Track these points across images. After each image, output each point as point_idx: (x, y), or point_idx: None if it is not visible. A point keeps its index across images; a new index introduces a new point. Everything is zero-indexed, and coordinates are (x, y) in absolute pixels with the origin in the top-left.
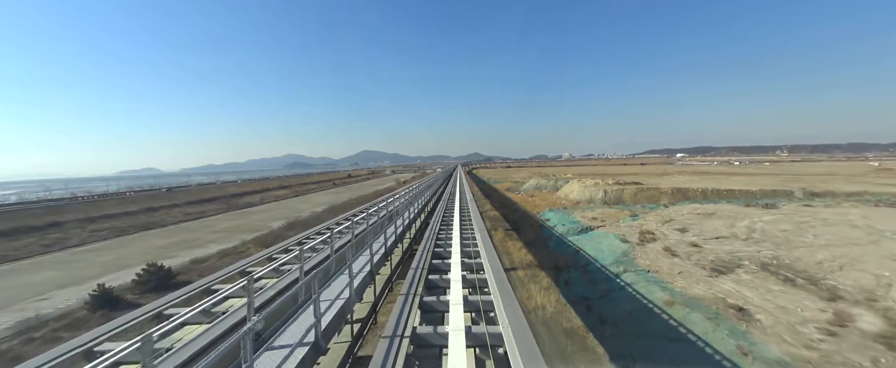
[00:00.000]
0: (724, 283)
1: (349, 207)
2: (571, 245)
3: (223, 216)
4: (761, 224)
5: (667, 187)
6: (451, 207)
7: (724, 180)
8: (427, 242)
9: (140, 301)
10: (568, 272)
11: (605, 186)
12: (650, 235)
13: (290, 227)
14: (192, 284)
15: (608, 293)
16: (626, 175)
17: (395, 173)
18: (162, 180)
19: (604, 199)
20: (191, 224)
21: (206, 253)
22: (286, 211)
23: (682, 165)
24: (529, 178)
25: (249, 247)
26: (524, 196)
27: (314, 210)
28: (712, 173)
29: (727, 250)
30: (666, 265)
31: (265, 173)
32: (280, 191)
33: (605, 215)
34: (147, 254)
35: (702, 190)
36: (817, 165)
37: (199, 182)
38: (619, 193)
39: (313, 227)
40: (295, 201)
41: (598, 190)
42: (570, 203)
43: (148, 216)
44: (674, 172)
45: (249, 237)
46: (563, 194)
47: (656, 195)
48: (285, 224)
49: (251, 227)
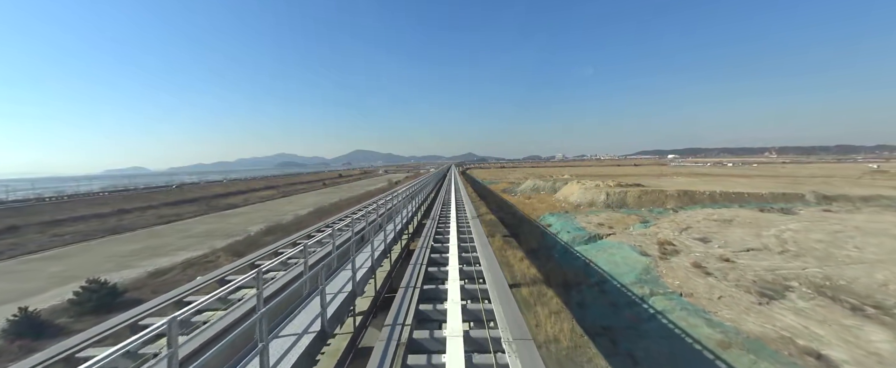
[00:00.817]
0: (780, 313)
1: (337, 209)
2: (580, 257)
3: (200, 219)
4: (790, 233)
5: (672, 190)
6: (447, 212)
7: (725, 181)
8: (421, 252)
9: (74, 327)
10: (581, 290)
11: (607, 188)
12: (670, 246)
13: (268, 232)
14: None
15: (637, 322)
16: (624, 176)
17: (388, 172)
18: (148, 180)
19: (606, 202)
20: (163, 228)
21: (170, 263)
22: (269, 214)
23: (675, 166)
24: (525, 179)
25: (220, 256)
26: (521, 198)
27: (298, 213)
28: (709, 174)
29: (765, 266)
30: (701, 287)
31: (255, 173)
32: (266, 191)
33: (612, 221)
34: (104, 264)
35: (709, 193)
36: (810, 167)
37: (180, 182)
38: (622, 196)
39: (292, 235)
40: (280, 203)
41: (599, 193)
42: (571, 206)
43: (118, 219)
44: (670, 173)
45: (222, 243)
46: (562, 197)
47: (662, 198)
48: (264, 229)
49: (227, 232)
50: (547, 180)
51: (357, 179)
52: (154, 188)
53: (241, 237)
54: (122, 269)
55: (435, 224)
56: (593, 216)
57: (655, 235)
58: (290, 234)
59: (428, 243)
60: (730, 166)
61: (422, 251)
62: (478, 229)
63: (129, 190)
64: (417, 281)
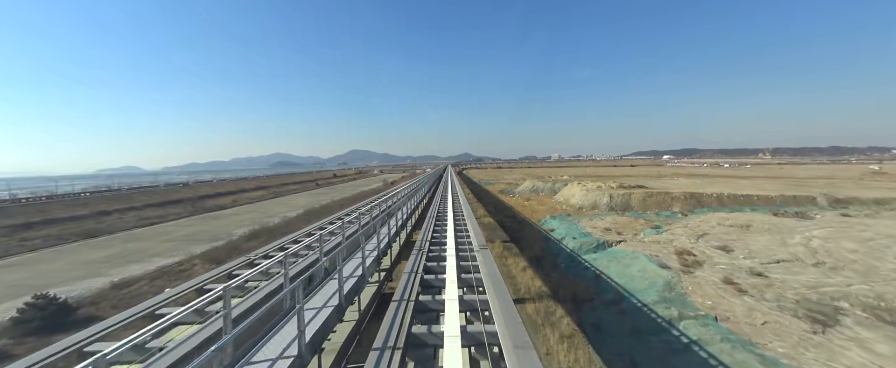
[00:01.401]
0: (843, 345)
1: (327, 211)
2: (590, 267)
3: (183, 222)
4: (818, 242)
5: (678, 192)
6: (443, 215)
7: (728, 183)
8: (415, 263)
9: (14, 351)
10: (594, 308)
11: (610, 190)
12: (690, 256)
13: (253, 236)
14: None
15: (666, 353)
16: (623, 177)
17: (383, 172)
18: (139, 180)
19: (609, 204)
20: (143, 231)
21: (142, 271)
22: (257, 215)
23: (671, 166)
24: (523, 179)
25: (196, 264)
26: (520, 200)
27: (287, 215)
28: (708, 175)
29: (804, 282)
30: (739, 309)
31: (250, 173)
32: (256, 192)
33: (620, 226)
34: (71, 271)
35: (717, 196)
36: (807, 168)
37: (166, 182)
38: (625, 198)
39: (277, 240)
40: (270, 204)
41: (602, 195)
42: (573, 209)
43: (97, 222)
44: (669, 173)
45: (200, 249)
46: (562, 199)
47: (668, 201)
48: (249, 233)
49: (210, 235)
50: (546, 181)
51: (352, 179)
52: (138, 189)
53: (223, 241)
54: (89, 278)
55: (431, 226)
56: (598, 220)
57: (670, 242)
58: (275, 239)
59: (424, 248)
60: (726, 168)
61: (417, 258)
62: (476, 230)
63: (112, 190)
64: (411, 293)
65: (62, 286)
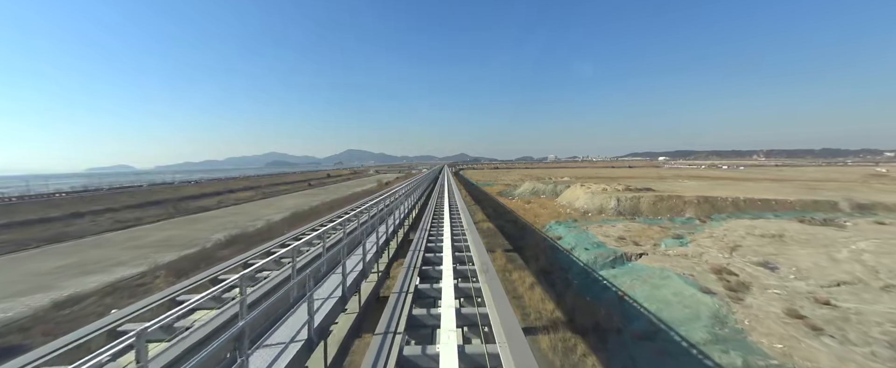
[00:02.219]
0: None
1: (316, 214)
2: (610, 286)
3: (160, 225)
4: (870, 257)
5: (690, 196)
6: (439, 222)
7: (737, 186)
8: (409, 272)
9: None
10: (623, 343)
11: (617, 193)
12: (732, 276)
13: (230, 243)
14: None
15: None
16: (623, 178)
17: (379, 172)
18: (130, 179)
19: (617, 209)
20: (114, 236)
21: (95, 285)
22: (240, 219)
23: (669, 168)
24: (522, 180)
25: (159, 276)
26: (520, 202)
27: (272, 218)
28: (712, 177)
29: (883, 313)
30: (823, 358)
31: (243, 172)
32: (245, 193)
33: (634, 234)
34: (15, 284)
35: (732, 200)
36: (807, 170)
37: (151, 181)
38: (634, 202)
39: (252, 249)
40: (257, 206)
41: (608, 198)
42: (578, 213)
43: (66, 225)
44: (670, 175)
45: (169, 257)
46: (565, 202)
47: (680, 206)
48: (227, 238)
49: (184, 241)
50: (547, 183)
51: (346, 179)
52: (120, 189)
53: (197, 248)
54: (32, 293)
55: (425, 234)
56: (609, 227)
57: (700, 256)
58: (251, 247)
59: (417, 259)
60: (726, 169)
61: (409, 272)
62: (475, 238)
63: (90, 191)
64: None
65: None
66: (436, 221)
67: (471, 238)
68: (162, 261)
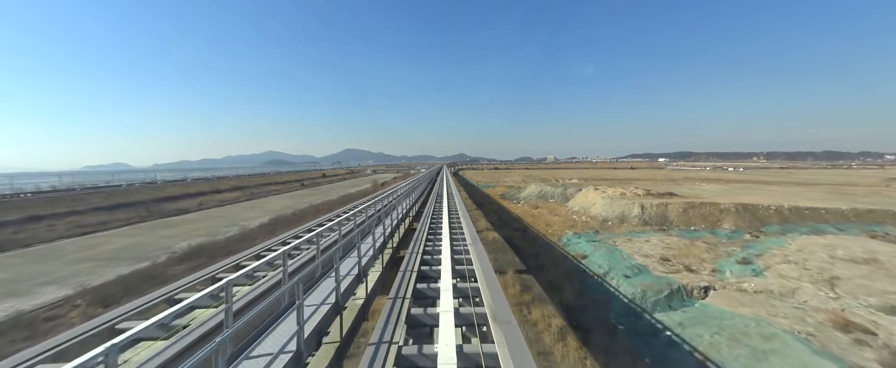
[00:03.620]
0: None
1: (299, 219)
2: (680, 342)
3: (125, 231)
4: None
5: (727, 203)
6: (436, 231)
7: (760, 190)
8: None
9: None
10: None
11: (638, 198)
12: (872, 337)
13: (190, 255)
14: None
15: None
16: (632, 181)
17: (376, 172)
18: (124, 177)
19: (642, 218)
20: (66, 244)
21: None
22: (216, 223)
23: (673, 169)
24: (525, 182)
25: (79, 304)
26: (526, 207)
27: (249, 225)
28: (725, 179)
29: None
30: None
31: (238, 171)
32: (231, 193)
33: (677, 252)
34: None
35: (775, 208)
36: (821, 173)
37: (129, 180)
38: (661, 209)
39: (215, 263)
40: (240, 208)
41: (630, 205)
42: (596, 222)
43: (17, 230)
44: (679, 177)
45: (111, 275)
46: (578, 207)
47: (715, 214)
48: (190, 249)
49: (141, 252)
50: (555, 186)
51: (342, 179)
52: (94, 189)
53: (148, 263)
54: None
55: (420, 247)
56: (641, 242)
57: (793, 294)
58: (214, 260)
59: (407, 289)
60: (731, 171)
61: (394, 313)
62: (480, 253)
63: (59, 191)
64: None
65: None
66: (433, 231)
67: (475, 256)
68: (93, 282)
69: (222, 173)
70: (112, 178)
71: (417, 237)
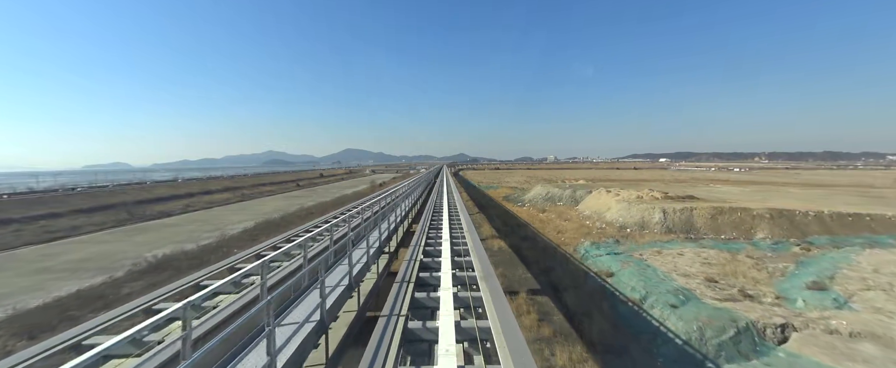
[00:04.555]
0: None
1: (287, 224)
2: None
3: (98, 236)
4: None
5: (760, 210)
6: (435, 244)
7: (779, 192)
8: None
9: None
10: None
11: (657, 201)
12: None
13: (157, 267)
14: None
15: None
16: (642, 182)
17: (375, 172)
18: (123, 177)
19: (665, 224)
20: (28, 252)
21: None
22: (197, 228)
23: (677, 169)
24: (528, 182)
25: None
26: (533, 211)
27: (232, 230)
28: (741, 181)
29: None
30: None
31: (236, 171)
32: (221, 194)
33: (720, 268)
34: None
35: (814, 215)
36: (829, 173)
37: (118, 181)
38: (686, 215)
39: (183, 277)
40: (228, 211)
41: (650, 209)
42: (613, 229)
43: None
44: (687, 178)
45: (54, 294)
46: (591, 212)
47: (748, 221)
48: (159, 259)
49: (107, 262)
50: (562, 187)
51: (340, 179)
52: (73, 190)
53: (105, 277)
54: None
55: (416, 259)
56: (672, 254)
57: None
58: (179, 276)
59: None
60: (737, 172)
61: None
62: (487, 271)
63: (37, 192)
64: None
65: None
66: (432, 239)
67: (482, 276)
68: (31, 304)
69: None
70: (96, 178)
71: (416, 243)
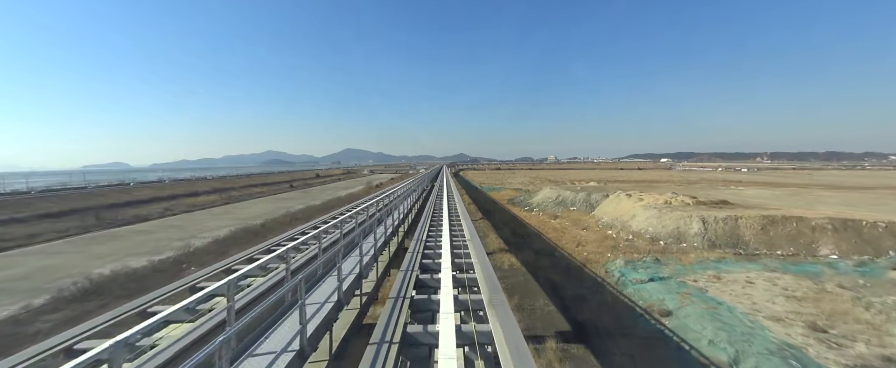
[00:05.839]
0: None
1: (267, 231)
2: None
3: (53, 245)
4: None
5: (820, 219)
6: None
7: (808, 195)
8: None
9: None
10: None
11: (691, 208)
12: None
13: (91, 293)
14: None
15: None
16: (652, 184)
17: (374, 172)
18: (120, 176)
19: (705, 236)
20: None
21: None
22: (168, 236)
23: (682, 170)
24: (533, 184)
25: None
26: (543, 217)
27: (199, 241)
28: (742, 181)
29: None
30: None
31: (236, 171)
32: (208, 197)
33: (813, 302)
34: None
35: (886, 225)
36: (841, 174)
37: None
38: (731, 226)
39: (121, 304)
40: (208, 215)
41: (687, 219)
42: (643, 241)
43: None
44: (696, 179)
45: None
46: (611, 219)
47: (807, 233)
48: (105, 277)
49: (40, 281)
50: (574, 190)
51: (336, 179)
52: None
53: (23, 305)
54: None
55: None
56: (736, 279)
57: None
58: (105, 307)
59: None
60: (745, 172)
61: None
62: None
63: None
64: None
65: None
66: (428, 256)
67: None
68: None
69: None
70: (86, 179)
71: (408, 266)
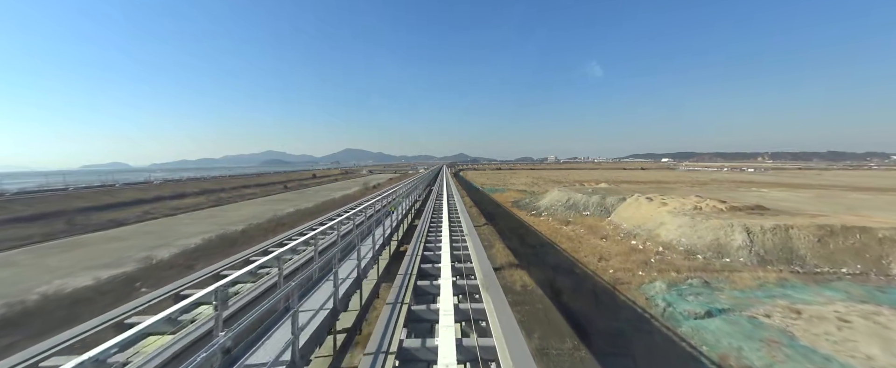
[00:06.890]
0: None
1: (247, 239)
2: None
3: (8, 255)
4: None
5: (886, 230)
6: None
7: (832, 198)
8: None
9: None
10: None
11: (726, 214)
12: None
13: (10, 323)
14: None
15: None
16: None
17: (373, 172)
18: (118, 176)
19: (752, 250)
20: None
21: None
22: (141, 243)
23: (685, 170)
24: (538, 185)
25: None
26: (553, 223)
27: (167, 253)
28: (753, 182)
29: None
30: None
31: (234, 171)
32: (195, 198)
33: None
34: None
35: None
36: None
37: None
38: (782, 237)
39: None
40: (190, 219)
41: (729, 229)
42: (677, 255)
43: None
44: (705, 180)
45: None
46: (632, 226)
47: (873, 248)
48: (34, 304)
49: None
50: (587, 193)
51: (333, 180)
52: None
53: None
54: None
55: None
56: (829, 317)
57: None
58: (28, 340)
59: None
60: (751, 172)
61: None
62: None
63: None
64: None
65: None
66: (427, 257)
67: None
68: None
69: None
70: (79, 179)
71: (402, 284)
